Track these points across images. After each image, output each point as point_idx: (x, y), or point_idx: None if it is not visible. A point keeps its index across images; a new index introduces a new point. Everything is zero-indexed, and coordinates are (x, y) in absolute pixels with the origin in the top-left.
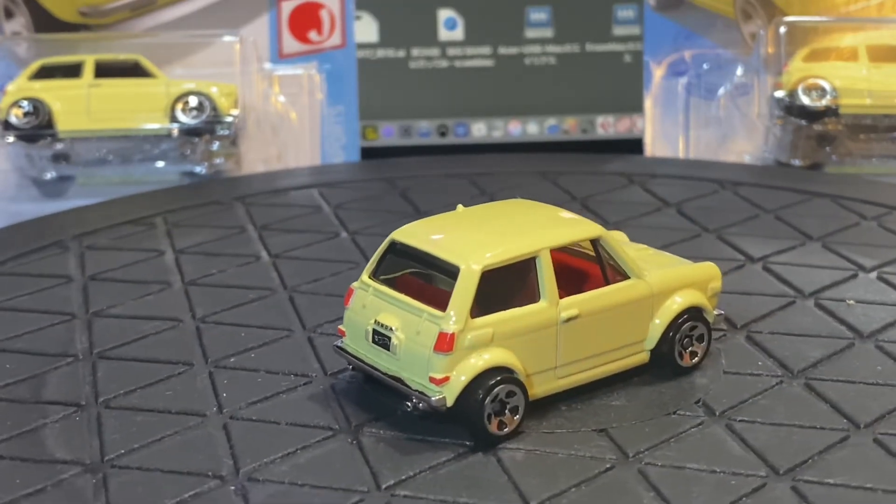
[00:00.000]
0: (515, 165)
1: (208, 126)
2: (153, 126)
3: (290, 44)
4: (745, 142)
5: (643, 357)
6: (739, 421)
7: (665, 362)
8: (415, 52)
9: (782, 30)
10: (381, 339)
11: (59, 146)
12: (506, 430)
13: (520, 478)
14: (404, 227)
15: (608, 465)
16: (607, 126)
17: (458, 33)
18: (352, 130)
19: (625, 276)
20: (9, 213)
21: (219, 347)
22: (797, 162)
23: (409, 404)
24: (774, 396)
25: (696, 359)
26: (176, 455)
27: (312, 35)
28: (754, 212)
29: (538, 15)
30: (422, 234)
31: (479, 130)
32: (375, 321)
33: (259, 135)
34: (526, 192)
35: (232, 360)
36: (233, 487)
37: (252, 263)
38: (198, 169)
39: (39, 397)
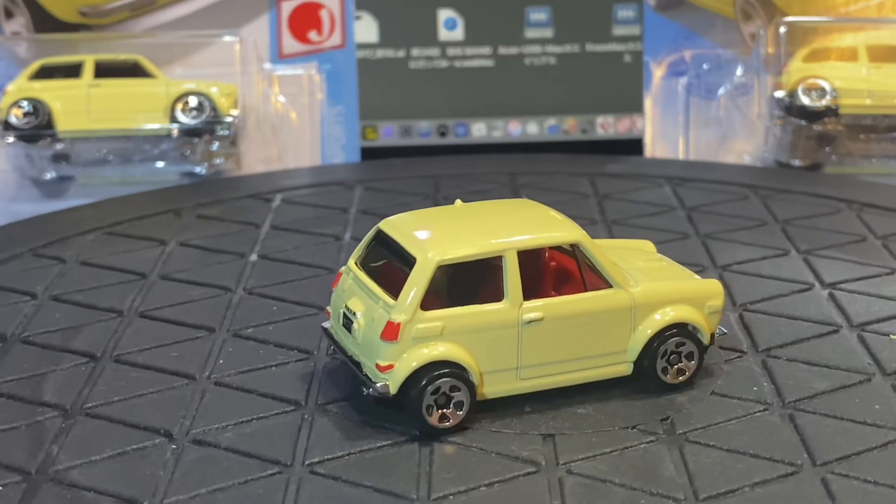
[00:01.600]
0: (515, 166)
1: (208, 126)
2: (153, 126)
3: (290, 44)
4: (745, 142)
5: (623, 369)
6: (693, 443)
7: (648, 376)
8: (415, 52)
9: (782, 30)
10: (347, 323)
11: (59, 146)
12: (448, 423)
13: (437, 470)
14: (393, 217)
15: (531, 470)
16: (607, 126)
17: (458, 33)
18: (352, 130)
19: (608, 284)
20: (9, 212)
21: (245, 318)
22: (797, 162)
23: (365, 389)
24: (747, 423)
25: (683, 377)
26: (145, 410)
27: (312, 35)
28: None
29: (538, 15)
30: (403, 225)
31: (479, 130)
32: (346, 305)
33: (259, 135)
34: (525, 193)
35: (250, 330)
36: (173, 447)
37: (329, 244)
38: (197, 169)
39: (68, 347)
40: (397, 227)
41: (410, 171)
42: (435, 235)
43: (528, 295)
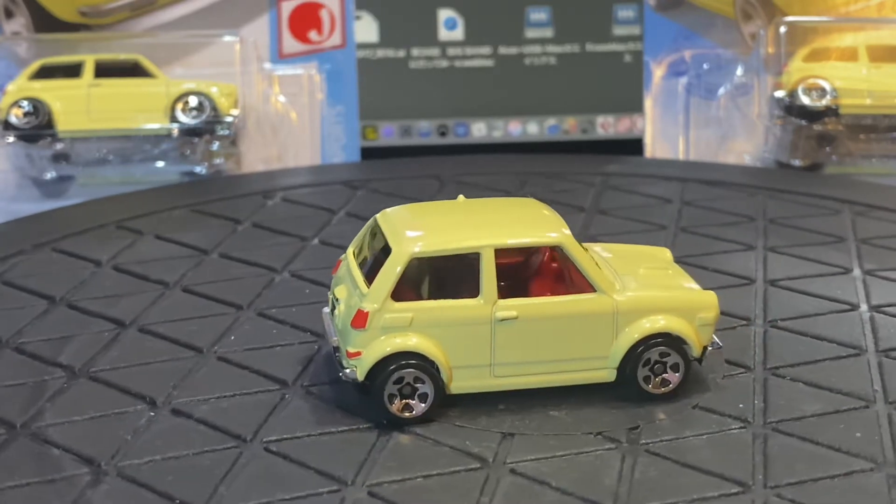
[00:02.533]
0: (515, 166)
1: (208, 126)
2: (153, 126)
3: (290, 44)
4: (745, 142)
5: (605, 374)
6: (651, 454)
7: (631, 385)
8: (415, 52)
9: (782, 30)
10: (333, 308)
11: (59, 146)
12: (410, 414)
13: (383, 458)
14: (391, 208)
15: (475, 466)
16: (607, 126)
17: (458, 33)
18: (352, 130)
19: (593, 289)
20: (9, 212)
21: (277, 298)
22: (797, 162)
23: (340, 373)
24: (715, 439)
25: (667, 388)
26: (141, 378)
27: (312, 35)
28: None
29: (538, 15)
30: (395, 217)
31: (479, 130)
32: (334, 292)
33: (259, 135)
34: (524, 193)
35: (273, 310)
36: (151, 414)
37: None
38: (198, 169)
39: (103, 313)
40: (389, 218)
41: (413, 171)
42: (419, 228)
43: (510, 293)
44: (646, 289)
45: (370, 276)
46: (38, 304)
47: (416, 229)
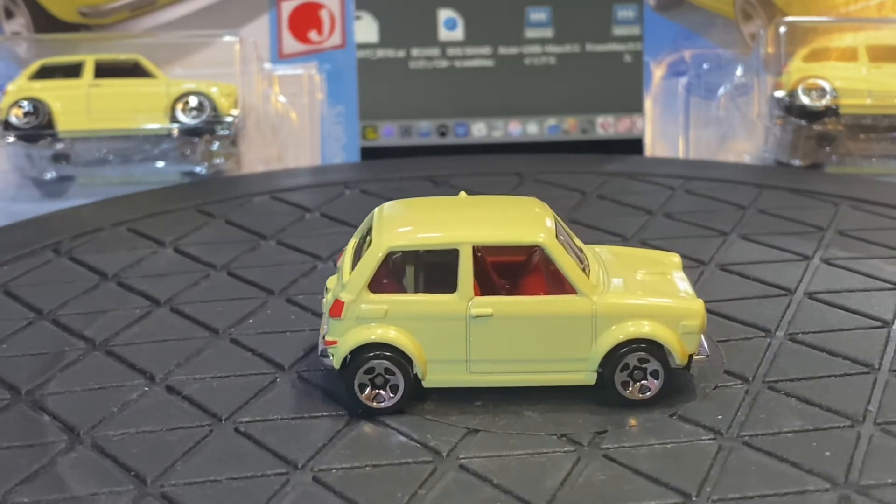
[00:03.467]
0: (515, 166)
1: (208, 126)
2: (153, 126)
3: (290, 44)
4: (745, 142)
5: (583, 377)
6: (606, 458)
7: (610, 389)
8: (415, 52)
9: (782, 30)
10: (324, 297)
11: (59, 146)
12: (380, 404)
13: (340, 445)
14: (390, 202)
15: (426, 459)
16: (607, 126)
17: (458, 33)
18: (352, 130)
19: (574, 290)
20: (9, 212)
21: (311, 286)
22: (797, 162)
23: (322, 361)
24: (678, 449)
25: (647, 394)
26: (155, 355)
27: (312, 35)
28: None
29: (538, 15)
30: (389, 211)
31: (479, 130)
32: (327, 282)
33: (259, 135)
34: (522, 193)
35: (301, 297)
36: (145, 389)
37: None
38: (198, 169)
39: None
40: (383, 211)
41: (410, 171)
42: (404, 223)
43: (491, 290)
44: (629, 293)
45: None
46: (91, 279)
47: (402, 223)
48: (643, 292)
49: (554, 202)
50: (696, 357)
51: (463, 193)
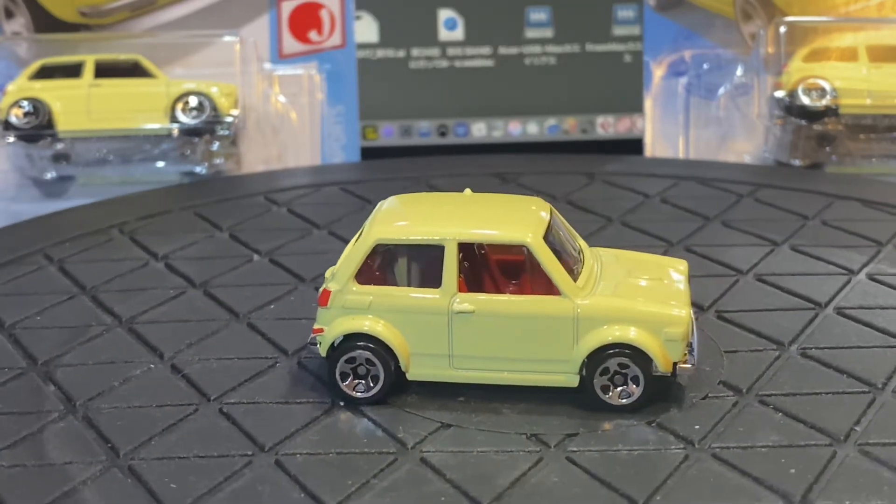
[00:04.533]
0: (516, 165)
1: (208, 126)
2: (153, 126)
3: (290, 44)
4: (745, 142)
5: (565, 379)
6: (568, 461)
7: (591, 393)
8: (415, 52)
9: (782, 30)
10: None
11: (59, 146)
12: (361, 393)
13: (309, 431)
14: (398, 195)
15: (390, 450)
16: (607, 126)
17: (458, 33)
18: (352, 130)
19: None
20: (9, 213)
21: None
22: (797, 162)
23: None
24: (642, 457)
25: (628, 400)
26: (166, 334)
27: (312, 35)
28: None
29: (538, 15)
30: (390, 204)
31: (479, 130)
32: (328, 271)
33: (259, 135)
34: (522, 193)
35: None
36: (151, 366)
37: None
38: (198, 169)
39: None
40: (384, 204)
41: (406, 172)
42: (398, 216)
43: (478, 287)
44: (615, 297)
45: None
46: (141, 259)
47: (395, 217)
48: (630, 297)
49: (614, 203)
50: (681, 366)
51: (468, 190)
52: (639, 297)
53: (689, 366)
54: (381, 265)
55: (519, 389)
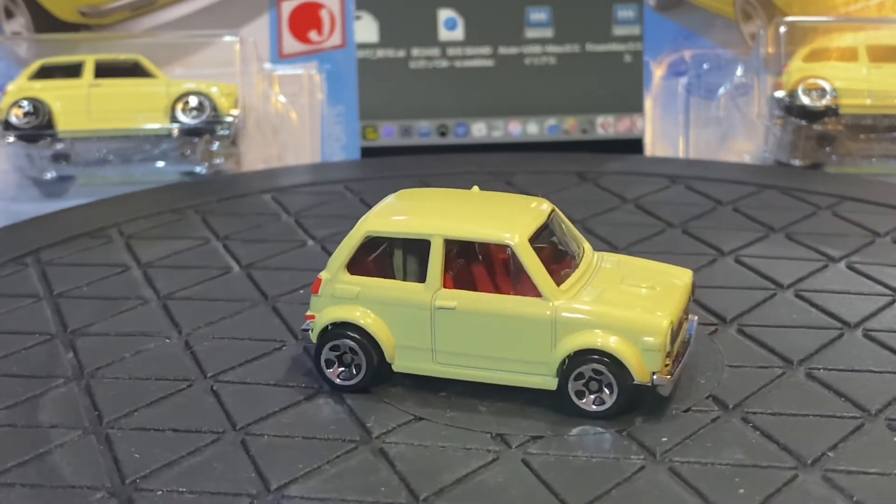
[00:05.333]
0: (516, 165)
1: (208, 126)
2: (153, 126)
3: (291, 44)
4: (745, 142)
5: (543, 381)
6: (522, 462)
7: (565, 397)
8: (415, 52)
9: (782, 30)
10: None
11: (59, 146)
12: (344, 382)
13: (284, 415)
14: (408, 189)
15: (353, 438)
16: (607, 126)
17: (458, 33)
18: (352, 130)
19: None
20: (9, 213)
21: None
22: (797, 162)
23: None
24: (597, 465)
25: (602, 406)
26: (191, 312)
27: (312, 35)
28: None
29: (538, 15)
30: (396, 197)
31: (479, 130)
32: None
33: (259, 135)
34: (522, 192)
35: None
36: (167, 340)
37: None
38: (198, 169)
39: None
40: (390, 197)
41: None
42: (395, 209)
43: (468, 284)
44: (595, 302)
45: None
46: (204, 238)
47: (393, 210)
48: (611, 303)
49: (678, 208)
50: (658, 376)
51: (476, 188)
52: (621, 303)
53: (668, 377)
54: (372, 257)
55: (501, 389)
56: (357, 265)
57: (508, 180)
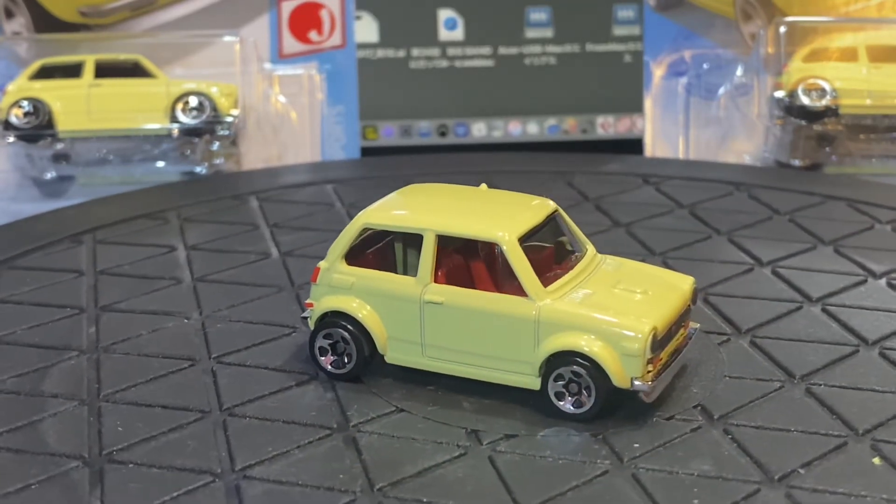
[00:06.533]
0: (518, 164)
1: (208, 126)
2: (153, 126)
3: (291, 44)
4: (745, 142)
5: (527, 380)
6: (486, 459)
7: (545, 397)
8: (415, 52)
9: (782, 30)
10: None
11: (59, 146)
12: (335, 370)
13: (269, 399)
14: (419, 184)
15: (330, 424)
16: (607, 126)
17: (458, 33)
18: (352, 130)
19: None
20: (9, 212)
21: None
22: (797, 162)
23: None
24: (563, 467)
25: (580, 409)
26: (223, 293)
27: (312, 35)
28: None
29: (538, 15)
30: (404, 191)
31: (479, 130)
32: None
33: (259, 135)
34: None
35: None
36: (186, 320)
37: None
38: (198, 169)
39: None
40: (398, 191)
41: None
42: (397, 203)
43: (463, 280)
44: (580, 304)
45: None
46: (254, 224)
47: (393, 204)
48: (596, 306)
49: (732, 217)
50: (637, 381)
51: (484, 185)
52: (607, 307)
53: (648, 384)
54: (368, 249)
55: (489, 386)
56: (357, 256)
57: (570, 182)
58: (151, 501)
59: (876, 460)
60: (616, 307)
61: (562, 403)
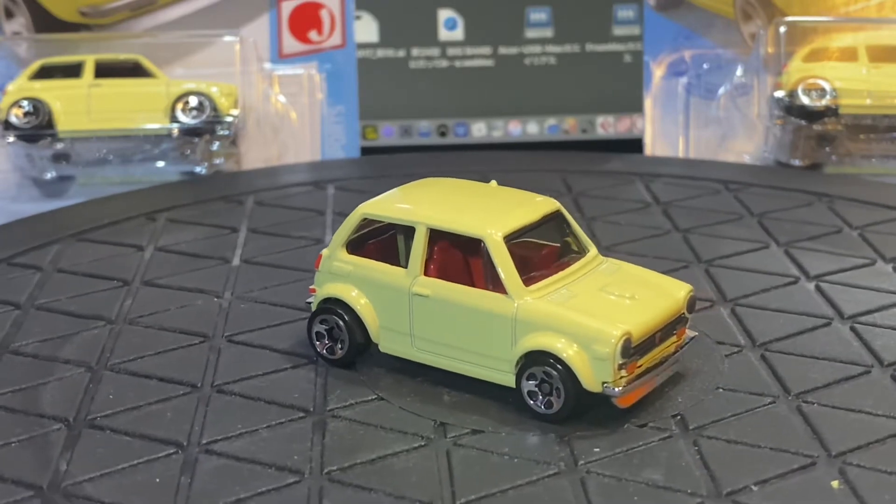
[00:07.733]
0: (517, 164)
1: (208, 126)
2: (153, 126)
3: (291, 44)
4: (745, 142)
5: (505, 378)
6: (445, 454)
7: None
8: (415, 52)
9: (782, 30)
10: None
11: (59, 146)
12: (330, 355)
13: (258, 379)
14: (434, 178)
15: (305, 407)
16: (607, 126)
17: (458, 33)
18: (352, 130)
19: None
20: (9, 212)
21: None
22: (797, 162)
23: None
24: (517, 465)
25: (551, 410)
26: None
27: (312, 35)
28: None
29: (538, 15)
30: (414, 185)
31: (479, 130)
32: None
33: (259, 135)
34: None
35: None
36: (199, 302)
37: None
38: (198, 169)
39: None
40: (409, 185)
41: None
42: (400, 197)
43: (455, 275)
44: (554, 305)
45: None
46: (321, 210)
47: (396, 196)
48: (574, 308)
49: (798, 228)
50: (606, 385)
51: (494, 182)
52: (584, 309)
53: (618, 389)
54: (368, 239)
55: (475, 381)
56: (358, 246)
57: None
58: (112, 467)
59: (835, 483)
60: (594, 310)
61: (533, 403)
